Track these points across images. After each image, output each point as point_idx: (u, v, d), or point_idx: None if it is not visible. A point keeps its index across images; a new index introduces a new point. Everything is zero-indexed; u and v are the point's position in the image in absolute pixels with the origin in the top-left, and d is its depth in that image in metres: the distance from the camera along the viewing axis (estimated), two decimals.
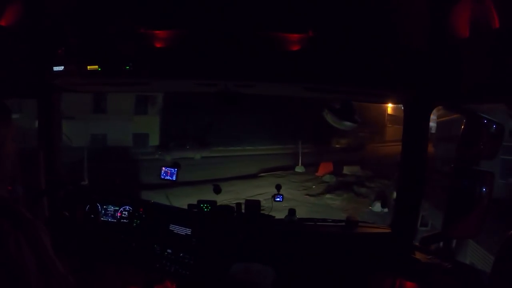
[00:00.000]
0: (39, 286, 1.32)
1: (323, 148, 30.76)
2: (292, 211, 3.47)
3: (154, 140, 31.12)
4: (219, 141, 30.35)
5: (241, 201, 3.61)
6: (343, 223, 3.43)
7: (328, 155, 28.78)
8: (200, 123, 28.10)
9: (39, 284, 1.32)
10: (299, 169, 26.93)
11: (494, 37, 2.04)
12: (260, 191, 18.19)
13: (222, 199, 3.22)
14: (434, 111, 2.92)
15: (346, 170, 26.05)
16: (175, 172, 3.54)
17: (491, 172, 2.43)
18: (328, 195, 21.98)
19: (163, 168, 3.58)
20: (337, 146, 33.08)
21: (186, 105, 27.58)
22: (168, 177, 3.56)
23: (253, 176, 24.53)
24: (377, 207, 19.28)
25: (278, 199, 3.63)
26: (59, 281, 1.40)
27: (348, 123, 3.21)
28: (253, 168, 25.88)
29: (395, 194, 3.37)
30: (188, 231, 3.21)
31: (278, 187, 3.68)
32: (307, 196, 21.45)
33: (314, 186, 23.41)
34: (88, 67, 2.82)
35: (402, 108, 3.17)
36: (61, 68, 2.86)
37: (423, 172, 3.03)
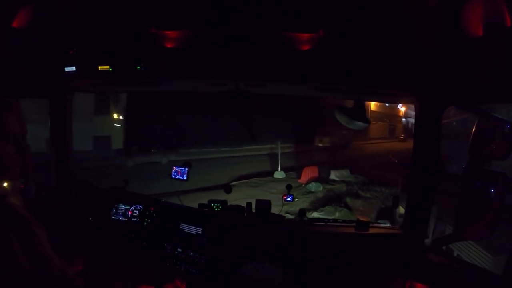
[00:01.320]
0: (32, 284, 1.32)
1: (305, 147, 29.54)
2: (302, 211, 3.46)
3: (118, 142, 28.51)
4: (192, 143, 28.49)
5: (251, 201, 3.61)
6: (354, 224, 3.42)
7: (310, 156, 27.39)
8: (168, 123, 27.12)
9: (33, 282, 1.32)
10: (279, 175, 23.37)
11: (507, 36, 2.02)
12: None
13: None
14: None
15: (333, 175, 22.90)
16: (186, 172, 3.55)
17: (503, 173, 2.40)
18: (315, 214, 16.11)
19: (174, 167, 3.59)
20: (319, 145, 31.82)
21: (153, 104, 26.30)
22: (179, 177, 3.57)
23: (224, 187, 21.32)
24: None
25: (289, 199, 3.62)
26: (54, 276, 1.40)
27: (360, 123, 3.20)
28: (225, 174, 22.28)
29: (402, 209, 3.34)
30: (198, 230, 3.21)
31: (289, 187, 3.67)
32: (288, 214, 12.66)
33: (296, 199, 17.53)
34: (100, 67, 2.85)
35: (411, 107, 3.14)
36: (72, 68, 2.88)
37: (435, 173, 3.00)
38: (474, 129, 2.56)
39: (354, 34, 2.67)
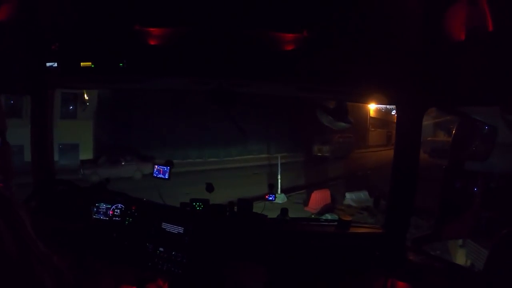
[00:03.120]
0: (19, 267, 1.30)
1: (302, 157, 26.76)
2: (284, 211, 3.47)
3: (87, 152, 24.96)
4: (173, 152, 24.75)
5: (234, 200, 3.60)
6: (336, 223, 3.44)
7: (311, 168, 23.88)
8: (145, 129, 24.04)
9: (18, 264, 1.30)
10: (279, 199, 16.15)
11: (489, 40, 2.06)
12: None
13: None
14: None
15: (349, 199, 17.77)
16: (168, 170, 3.53)
17: (482, 173, 2.45)
18: None
19: (156, 166, 3.57)
20: (318, 154, 28.07)
21: (128, 107, 23.53)
22: (161, 175, 3.55)
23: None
24: None
25: (270, 198, 3.63)
26: (41, 259, 1.38)
27: (342, 124, 3.23)
28: (214, 197, 12.65)
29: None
30: (180, 229, 3.20)
31: (271, 186, 3.68)
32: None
33: None
34: (82, 63, 2.81)
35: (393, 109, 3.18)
36: (54, 64, 2.84)
37: (416, 173, 3.04)
38: (454, 130, 2.60)
39: (337, 36, 2.69)
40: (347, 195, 18.04)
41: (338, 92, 3.18)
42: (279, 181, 18.98)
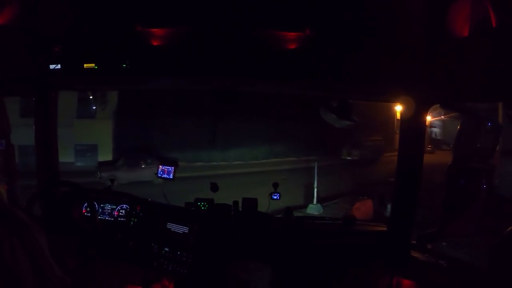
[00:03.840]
0: None
1: (330, 161, 23.39)
2: (289, 210, 3.47)
3: (105, 153, 23.19)
4: (198, 155, 23.54)
5: (238, 199, 3.60)
6: (341, 221, 3.44)
7: (342, 173, 21.50)
8: (167, 129, 22.48)
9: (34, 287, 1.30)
10: (314, 210, 15.93)
11: (492, 36, 2.05)
12: None
13: None
14: None
15: None
16: (172, 171, 3.54)
17: (487, 170, 2.44)
18: None
19: (160, 166, 3.58)
20: (347, 158, 25.81)
21: (149, 105, 21.91)
22: (165, 175, 3.56)
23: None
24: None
25: (275, 197, 3.62)
26: (55, 283, 1.38)
27: (347, 122, 3.22)
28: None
29: None
30: (185, 229, 3.20)
31: (275, 185, 3.67)
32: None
33: None
34: (85, 65, 2.81)
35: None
36: (57, 66, 2.84)
37: (420, 170, 3.03)
38: (459, 127, 2.59)
39: (340, 33, 2.68)
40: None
41: (341, 90, 3.17)
42: (316, 189, 16.64)
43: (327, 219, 3.55)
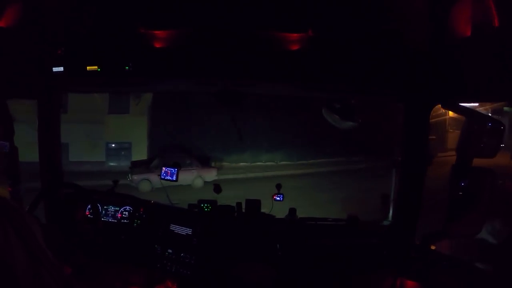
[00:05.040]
0: (27, 277, 1.30)
1: (380, 162, 18.59)
2: (292, 210, 3.47)
3: (140, 151, 21.37)
4: (242, 155, 22.06)
5: (241, 201, 3.59)
6: (344, 222, 3.43)
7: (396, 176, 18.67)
8: (208, 127, 20.47)
9: (27, 274, 1.31)
10: None
11: (495, 36, 2.05)
12: None
13: None
14: None
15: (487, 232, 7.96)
16: (175, 172, 3.54)
17: (491, 170, 2.43)
18: None
19: (164, 168, 3.58)
20: (399, 158, 22.22)
21: (189, 100, 20.16)
22: (169, 177, 3.57)
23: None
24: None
25: (278, 199, 3.62)
26: (50, 271, 1.38)
27: (349, 123, 3.21)
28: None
29: None
30: (188, 231, 3.20)
31: (279, 186, 3.67)
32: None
33: None
34: (88, 67, 2.82)
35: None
36: (60, 68, 2.85)
37: (424, 170, 3.03)
38: (462, 127, 2.59)
39: (342, 34, 2.68)
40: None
41: (344, 91, 3.17)
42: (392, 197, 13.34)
43: (330, 220, 3.53)
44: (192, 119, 21.03)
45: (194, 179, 18.62)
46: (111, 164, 21.05)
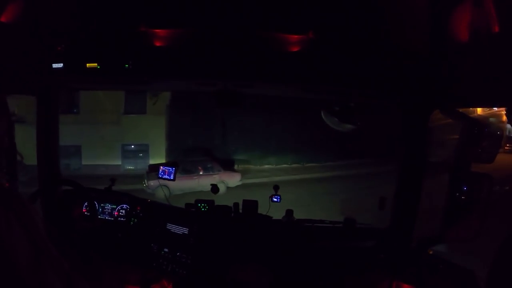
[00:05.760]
0: (29, 266, 1.30)
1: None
2: (289, 212, 3.46)
3: (158, 154, 19.73)
4: (266, 156, 20.65)
5: (238, 201, 3.59)
6: (341, 224, 3.43)
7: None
8: (232, 129, 19.37)
9: (30, 264, 1.30)
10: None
11: (494, 41, 2.05)
12: None
13: None
14: None
15: None
16: (173, 171, 3.54)
17: (488, 175, 2.44)
18: None
19: (161, 167, 3.58)
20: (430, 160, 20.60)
21: (211, 98, 12.85)
22: (166, 176, 3.56)
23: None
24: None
25: (275, 200, 3.62)
26: (51, 261, 1.38)
27: (348, 125, 3.21)
28: None
29: None
30: (185, 230, 3.20)
31: (276, 187, 3.67)
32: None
33: None
34: (87, 64, 2.82)
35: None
36: (60, 65, 2.85)
37: (422, 174, 3.03)
38: (460, 133, 2.59)
39: (343, 37, 2.69)
40: None
41: (343, 94, 3.18)
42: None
43: (327, 222, 3.53)
44: (213, 119, 19.36)
45: (216, 184, 16.32)
46: (127, 167, 19.73)
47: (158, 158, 19.17)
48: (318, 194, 14.81)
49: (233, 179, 17.77)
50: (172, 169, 3.54)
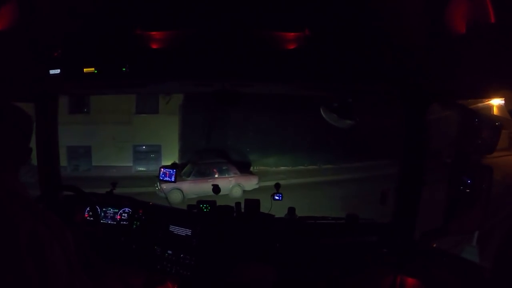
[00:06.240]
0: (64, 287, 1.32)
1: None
2: (292, 210, 3.46)
3: (171, 155, 19.14)
4: (282, 157, 19.83)
5: (240, 201, 3.59)
6: (343, 220, 3.43)
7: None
8: (249, 128, 18.88)
9: (64, 285, 1.32)
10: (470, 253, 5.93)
11: (491, 33, 2.05)
12: None
13: None
14: None
15: None
16: (174, 173, 3.55)
17: (489, 167, 2.44)
18: None
19: (162, 169, 3.59)
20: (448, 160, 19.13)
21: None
22: (167, 178, 3.57)
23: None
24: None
25: (277, 198, 3.62)
26: (82, 284, 1.40)
27: (348, 121, 3.21)
28: None
29: None
30: (188, 231, 3.20)
31: (277, 186, 3.67)
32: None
33: None
34: (85, 69, 2.81)
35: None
36: (57, 71, 2.84)
37: (423, 168, 3.03)
38: (459, 125, 2.59)
39: (339, 33, 2.68)
40: None
41: (340, 89, 3.18)
42: None
43: (330, 219, 3.54)
44: (228, 119, 19.22)
45: (232, 188, 16.21)
46: (139, 169, 19.32)
47: (170, 159, 18.56)
48: (336, 197, 14.14)
49: (250, 182, 17.05)
50: (173, 171, 3.56)
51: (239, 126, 19.30)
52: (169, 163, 16.24)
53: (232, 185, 16.30)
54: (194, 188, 14.81)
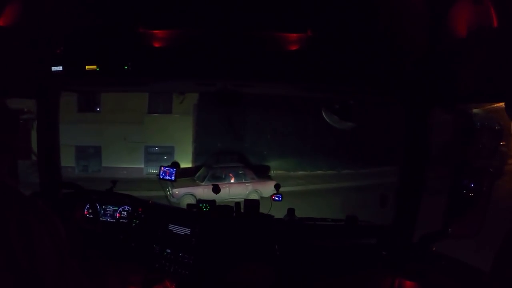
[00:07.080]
0: (53, 279, 1.31)
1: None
2: (291, 211, 3.46)
3: (184, 157, 17.89)
4: (300, 161, 18.91)
5: (240, 201, 3.59)
6: (343, 222, 3.43)
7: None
8: (267, 131, 18.07)
9: (54, 276, 1.31)
10: None
11: (493, 37, 2.05)
12: None
13: None
14: None
15: None
16: (174, 172, 3.55)
17: (490, 170, 2.44)
18: None
19: (162, 168, 3.58)
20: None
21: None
22: (167, 177, 3.57)
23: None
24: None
25: (277, 199, 3.62)
26: (74, 276, 1.40)
27: (348, 123, 3.22)
28: None
29: None
30: (187, 230, 3.20)
31: (277, 186, 3.67)
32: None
33: None
34: (87, 67, 2.82)
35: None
36: (59, 68, 2.85)
37: (423, 171, 3.03)
38: (460, 128, 2.60)
39: (342, 35, 2.69)
40: None
41: (342, 91, 3.18)
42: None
43: (329, 220, 3.54)
44: (244, 121, 18.26)
45: (248, 194, 14.94)
46: (150, 171, 18.14)
47: (184, 161, 17.30)
48: (356, 206, 13.41)
49: (268, 188, 14.75)
50: (173, 169, 3.55)
51: (256, 128, 18.55)
52: (182, 166, 13.83)
53: (249, 191, 15.34)
54: (209, 193, 13.27)
